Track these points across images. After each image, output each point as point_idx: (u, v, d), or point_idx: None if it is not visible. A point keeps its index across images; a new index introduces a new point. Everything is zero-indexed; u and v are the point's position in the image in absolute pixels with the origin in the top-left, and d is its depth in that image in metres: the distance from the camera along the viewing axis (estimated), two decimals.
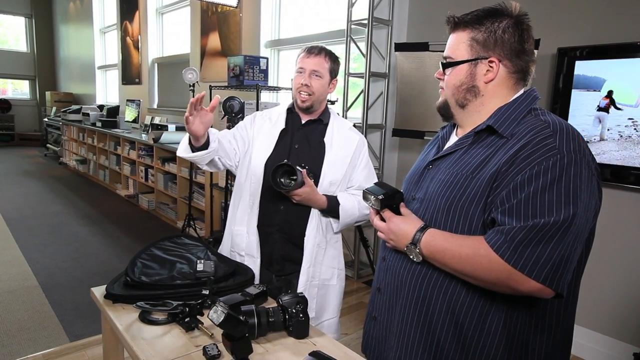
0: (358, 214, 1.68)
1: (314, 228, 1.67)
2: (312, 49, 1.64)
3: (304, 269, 1.67)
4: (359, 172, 1.73)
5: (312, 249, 1.67)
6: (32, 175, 7.38)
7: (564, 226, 0.86)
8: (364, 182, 1.71)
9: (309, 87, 1.62)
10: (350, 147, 1.70)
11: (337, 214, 1.66)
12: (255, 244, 1.69)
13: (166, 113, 6.52)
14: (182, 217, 4.71)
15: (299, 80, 1.63)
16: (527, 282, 0.87)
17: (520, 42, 0.99)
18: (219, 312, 1.05)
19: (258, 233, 1.69)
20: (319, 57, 1.63)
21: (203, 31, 5.52)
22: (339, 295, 1.79)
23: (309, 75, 1.62)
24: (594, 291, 2.46)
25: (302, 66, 1.63)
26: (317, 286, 1.72)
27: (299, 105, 1.67)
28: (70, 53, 10.53)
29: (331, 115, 1.74)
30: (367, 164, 1.75)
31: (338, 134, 1.70)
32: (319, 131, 1.71)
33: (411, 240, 1.02)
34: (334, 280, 1.76)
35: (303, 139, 1.70)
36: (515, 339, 0.98)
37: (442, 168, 1.06)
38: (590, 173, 0.90)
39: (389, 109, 3.49)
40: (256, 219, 1.69)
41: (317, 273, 1.71)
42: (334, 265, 1.75)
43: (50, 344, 2.50)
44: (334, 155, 1.67)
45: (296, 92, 1.65)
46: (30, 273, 3.46)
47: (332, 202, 1.65)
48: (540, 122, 0.95)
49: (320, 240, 1.69)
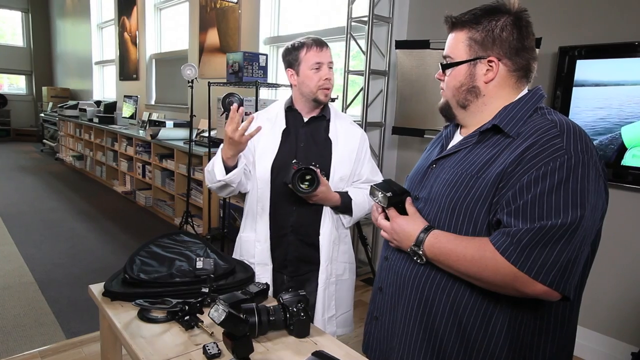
0: (368, 207, 1.68)
1: (328, 226, 1.66)
2: (321, 42, 1.61)
3: (323, 268, 1.66)
4: (364, 165, 1.73)
5: (329, 247, 1.66)
6: (28, 171, 7.34)
7: (572, 228, 0.85)
8: (370, 175, 1.72)
9: (330, 80, 1.61)
10: (354, 142, 1.69)
11: (350, 210, 1.65)
12: (267, 251, 1.66)
13: (164, 109, 6.49)
14: (179, 214, 4.69)
15: (322, 75, 1.59)
16: (533, 285, 0.86)
17: (519, 39, 0.98)
18: (220, 310, 1.03)
19: (270, 237, 1.65)
20: (327, 49, 1.62)
21: (202, 27, 5.49)
22: (352, 289, 1.81)
23: (328, 68, 1.60)
24: (593, 290, 2.46)
25: (319, 60, 1.58)
26: (335, 283, 1.72)
27: (321, 101, 1.62)
28: (67, 48, 10.47)
29: (331, 110, 1.72)
30: (371, 157, 1.76)
31: (342, 129, 1.69)
32: (324, 128, 1.69)
33: (414, 242, 1.01)
34: (347, 274, 1.77)
35: (308, 136, 1.67)
36: (519, 340, 0.97)
37: (447, 167, 1.05)
38: (598, 174, 0.89)
39: (389, 107, 3.47)
40: (267, 224, 1.65)
41: (334, 270, 1.71)
42: (345, 260, 1.76)
43: (46, 341, 2.49)
44: (341, 151, 1.66)
45: (317, 88, 1.59)
46: (26, 269, 3.44)
47: (345, 198, 1.64)
48: (547, 121, 0.93)
49: (334, 238, 1.69)
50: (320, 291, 1.67)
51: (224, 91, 3.47)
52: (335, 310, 1.74)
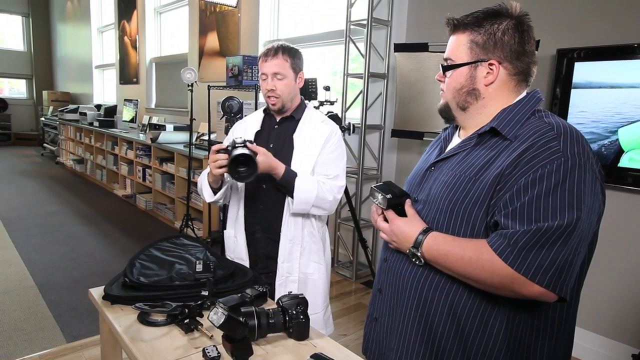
0: (315, 196, 1.62)
1: (285, 222, 1.70)
2: (268, 52, 1.66)
3: (279, 264, 1.72)
4: (323, 156, 1.69)
5: (285, 244, 1.70)
6: (29, 175, 7.35)
7: (568, 230, 0.85)
8: (326, 165, 1.68)
9: (274, 90, 1.66)
10: (319, 140, 1.70)
11: (292, 187, 1.62)
12: (243, 246, 1.75)
13: (164, 113, 6.51)
14: (179, 217, 4.69)
15: (265, 86, 1.68)
16: (530, 286, 0.87)
17: (520, 43, 0.98)
18: (219, 313, 1.04)
19: (245, 235, 1.75)
20: (276, 58, 1.64)
21: (201, 31, 5.51)
22: (324, 291, 1.80)
23: (272, 79, 1.65)
24: (593, 292, 2.46)
25: (263, 72, 1.67)
26: (297, 281, 1.73)
27: (271, 108, 1.73)
28: (67, 52, 10.50)
29: (305, 110, 1.77)
30: (335, 150, 1.72)
31: (308, 128, 1.72)
32: (291, 128, 1.73)
33: (413, 244, 1.01)
34: (317, 274, 1.76)
35: (278, 137, 1.74)
36: (517, 341, 0.98)
37: (445, 170, 1.05)
38: (594, 176, 0.90)
39: (388, 110, 3.48)
40: (242, 221, 1.75)
41: (295, 268, 1.72)
42: (315, 260, 1.76)
43: (47, 345, 2.49)
44: (302, 150, 1.68)
45: (265, 97, 1.70)
46: (27, 273, 3.44)
47: (290, 173, 1.62)
48: (544, 124, 0.94)
49: (294, 236, 1.71)
50: (277, 287, 1.70)
51: (224, 95, 3.49)
52: None
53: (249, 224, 1.75)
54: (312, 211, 1.67)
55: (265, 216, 1.73)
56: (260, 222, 1.74)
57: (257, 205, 1.74)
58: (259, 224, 1.75)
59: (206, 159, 4.11)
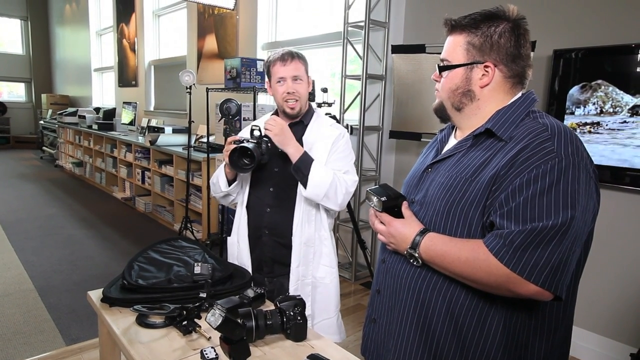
0: (330, 183, 1.59)
1: (299, 224, 1.68)
2: (285, 57, 1.67)
3: (293, 268, 1.69)
4: (332, 156, 1.69)
5: (300, 247, 1.68)
6: (28, 178, 7.35)
7: (562, 229, 0.86)
8: (337, 162, 1.69)
9: (294, 93, 1.67)
10: (328, 142, 1.70)
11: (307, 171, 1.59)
12: (246, 252, 1.75)
13: (163, 115, 6.51)
14: (179, 219, 4.69)
15: (284, 90, 1.67)
16: (526, 286, 0.88)
17: (516, 46, 0.99)
18: (217, 315, 1.04)
19: (248, 239, 1.74)
20: (294, 62, 1.66)
21: (200, 33, 5.52)
22: (335, 294, 1.78)
23: (292, 82, 1.66)
24: (591, 292, 2.46)
25: (281, 76, 1.67)
26: (311, 285, 1.72)
27: (288, 113, 1.70)
28: (66, 55, 10.50)
29: (314, 115, 1.78)
30: (344, 150, 1.72)
31: (317, 133, 1.73)
32: (300, 132, 1.74)
33: (410, 245, 1.02)
34: (328, 278, 1.75)
35: None
36: (515, 340, 0.98)
37: (441, 171, 1.06)
38: (588, 176, 0.91)
39: (386, 111, 3.49)
40: (245, 226, 1.75)
41: (309, 272, 1.71)
42: (326, 264, 1.75)
43: (46, 348, 2.49)
44: (311, 153, 1.67)
45: (282, 101, 1.69)
46: (26, 276, 3.44)
47: (307, 156, 1.61)
48: (539, 125, 0.95)
49: (308, 239, 1.70)
50: (291, 293, 1.67)
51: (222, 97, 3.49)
52: (315, 316, 1.73)
53: (255, 229, 1.73)
54: (323, 202, 1.62)
55: (274, 219, 1.71)
56: (267, 225, 1.72)
57: (264, 208, 1.72)
58: (266, 227, 1.72)
59: (205, 161, 4.12)
